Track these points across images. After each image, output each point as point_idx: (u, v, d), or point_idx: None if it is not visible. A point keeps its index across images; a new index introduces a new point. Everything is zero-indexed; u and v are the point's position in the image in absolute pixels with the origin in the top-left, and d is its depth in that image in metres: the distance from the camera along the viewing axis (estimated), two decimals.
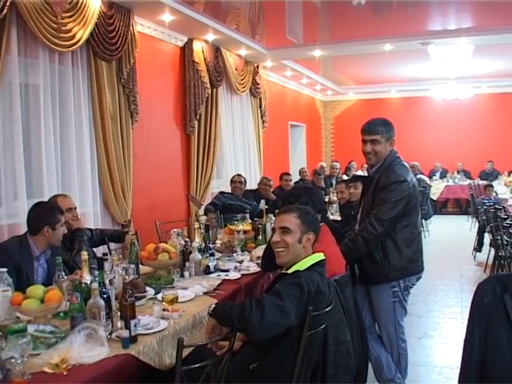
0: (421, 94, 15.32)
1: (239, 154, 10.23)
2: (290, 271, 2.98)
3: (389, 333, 3.99)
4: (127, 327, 2.74)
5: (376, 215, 3.81)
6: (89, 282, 3.06)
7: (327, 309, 2.93)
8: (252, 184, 9.53)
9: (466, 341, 2.65)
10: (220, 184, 9.31)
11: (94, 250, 4.70)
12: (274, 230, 3.15)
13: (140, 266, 4.08)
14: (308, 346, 2.82)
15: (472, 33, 8.93)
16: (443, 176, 15.33)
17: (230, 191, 7.80)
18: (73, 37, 5.66)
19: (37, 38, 5.31)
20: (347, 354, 3.27)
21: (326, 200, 7.69)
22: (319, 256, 3.05)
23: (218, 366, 2.54)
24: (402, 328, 4.06)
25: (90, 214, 6.17)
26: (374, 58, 11.03)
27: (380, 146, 3.99)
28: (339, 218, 6.71)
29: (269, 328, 2.69)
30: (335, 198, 7.65)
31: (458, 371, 2.84)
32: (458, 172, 15.21)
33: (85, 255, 3.22)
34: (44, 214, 3.84)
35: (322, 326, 2.93)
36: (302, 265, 2.97)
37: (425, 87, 14.30)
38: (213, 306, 2.91)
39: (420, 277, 4.06)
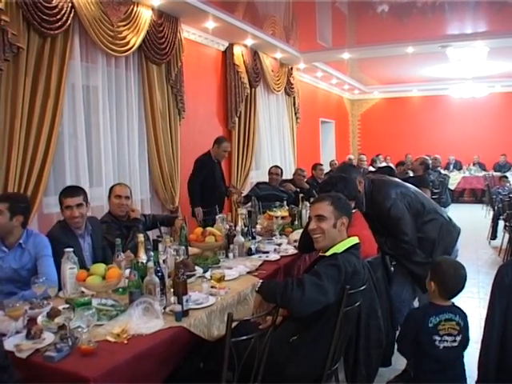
0: (440, 92, 15.05)
1: (275, 148, 10.23)
2: (327, 253, 2.94)
3: None
4: (180, 302, 2.75)
5: (400, 235, 3.80)
6: (145, 262, 3.08)
7: (362, 287, 2.89)
8: (287, 174, 9.49)
9: (487, 317, 2.62)
10: (258, 174, 9.33)
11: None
12: (310, 218, 3.11)
13: (189, 247, 4.08)
14: (344, 321, 2.80)
15: (487, 36, 8.76)
16: (458, 168, 15.09)
17: (266, 181, 7.75)
18: (127, 43, 5.73)
19: (96, 45, 5.39)
20: (378, 329, 3.24)
21: None
22: (354, 240, 3.00)
23: (262, 338, 2.52)
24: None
25: (142, 201, 6.25)
26: (397, 60, 10.90)
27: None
28: None
29: (309, 305, 2.66)
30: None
31: (475, 345, 2.80)
32: (474, 164, 14.96)
33: (141, 237, 3.24)
34: (59, 197, 3.82)
35: (357, 304, 2.91)
36: (339, 247, 2.93)
37: (443, 86, 14.05)
38: (259, 283, 2.90)
39: None
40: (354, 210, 3.38)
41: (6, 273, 3.36)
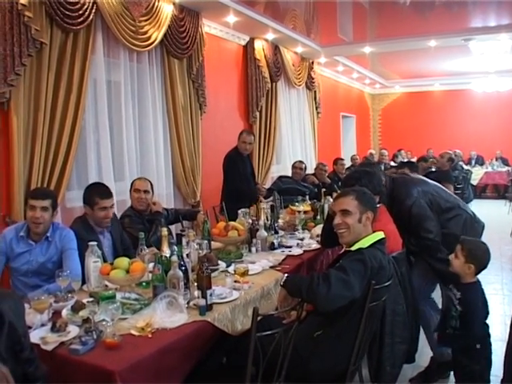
0: (462, 87, 14.85)
1: (296, 142, 10.18)
2: (353, 248, 2.90)
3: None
4: (204, 296, 2.73)
5: (423, 233, 3.73)
6: (168, 256, 3.07)
7: (387, 283, 2.85)
8: (308, 169, 9.44)
9: None
10: (279, 169, 9.30)
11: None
12: (334, 213, 3.06)
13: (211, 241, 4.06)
14: (369, 317, 2.76)
15: (511, 29, 8.57)
16: (480, 163, 14.88)
17: (289, 175, 7.74)
18: (149, 38, 5.73)
19: (118, 40, 5.40)
20: (403, 325, 3.19)
21: None
22: (380, 235, 2.95)
23: (287, 333, 2.49)
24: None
25: (164, 196, 6.24)
26: (418, 54, 10.76)
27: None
28: None
29: (334, 300, 2.63)
30: None
31: (500, 343, 2.75)
32: (497, 159, 14.71)
33: (164, 231, 3.24)
34: (85, 193, 3.85)
35: (383, 299, 2.86)
36: (365, 242, 2.88)
37: (466, 80, 13.88)
38: (284, 277, 2.87)
39: None
40: (378, 205, 3.33)
41: (33, 266, 3.40)
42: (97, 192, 3.77)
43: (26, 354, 1.99)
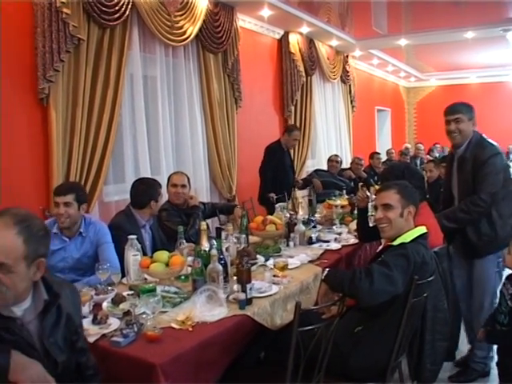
0: (500, 79, 14.52)
1: (331, 136, 10.10)
2: (395, 243, 2.83)
3: (485, 301, 3.75)
4: (243, 290, 2.70)
5: (482, 190, 3.57)
6: (207, 249, 3.05)
7: (430, 278, 2.78)
8: (343, 163, 9.37)
9: None
10: (314, 163, 9.24)
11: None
12: (375, 207, 3.00)
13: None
14: (410, 313, 2.69)
15: None
16: None
17: (324, 169, 7.68)
18: (184, 33, 5.74)
19: (154, 35, 5.42)
20: (444, 321, 3.11)
21: None
22: (422, 229, 2.89)
23: (328, 328, 2.45)
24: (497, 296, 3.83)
25: (200, 190, 6.24)
26: (454, 46, 10.54)
27: (463, 124, 3.75)
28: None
29: (377, 295, 2.59)
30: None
31: None
32: None
33: (203, 225, 3.22)
34: (149, 189, 3.90)
35: (425, 295, 2.79)
36: (407, 237, 2.82)
37: (504, 72, 13.60)
38: (325, 272, 2.83)
39: None
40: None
41: (69, 262, 3.41)
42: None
43: (80, 344, 1.99)
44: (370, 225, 3.55)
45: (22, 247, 1.70)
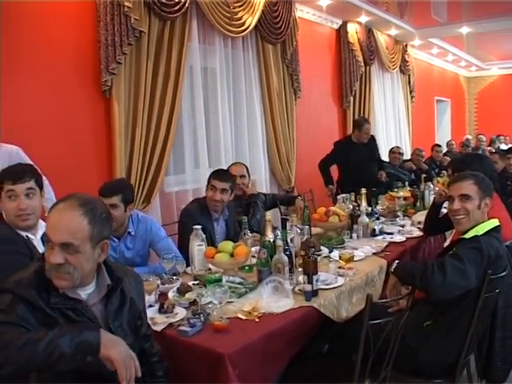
0: None
1: (391, 127, 9.90)
2: (467, 236, 2.73)
3: None
4: (310, 282, 2.66)
5: None
6: (271, 240, 3.02)
7: (503, 273, 2.66)
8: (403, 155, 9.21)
9: None
10: None
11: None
12: (451, 198, 2.88)
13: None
14: (482, 309, 2.59)
15: None
16: None
17: (385, 160, 7.48)
18: (243, 24, 5.72)
19: (213, 27, 5.43)
20: None
21: None
22: (495, 222, 2.77)
23: (398, 322, 2.39)
24: None
25: (259, 181, 6.22)
26: None
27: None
28: None
29: (450, 289, 2.50)
30: None
31: None
32: None
33: (268, 216, 3.20)
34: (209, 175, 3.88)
35: (497, 290, 2.68)
36: (479, 230, 2.71)
37: None
38: (395, 264, 2.76)
39: None
40: None
41: (120, 263, 3.27)
42: (215, 173, 3.87)
43: (144, 330, 2.03)
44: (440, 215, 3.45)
45: (87, 228, 1.73)
